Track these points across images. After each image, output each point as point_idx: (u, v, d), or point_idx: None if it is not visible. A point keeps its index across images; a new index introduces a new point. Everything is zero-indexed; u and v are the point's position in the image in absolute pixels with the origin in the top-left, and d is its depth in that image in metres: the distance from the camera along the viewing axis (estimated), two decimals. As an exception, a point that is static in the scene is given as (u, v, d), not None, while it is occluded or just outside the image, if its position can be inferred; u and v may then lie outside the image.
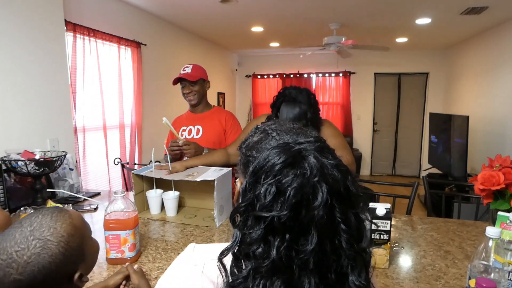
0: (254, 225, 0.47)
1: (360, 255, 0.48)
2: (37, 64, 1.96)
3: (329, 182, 0.46)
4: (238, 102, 6.95)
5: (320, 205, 0.45)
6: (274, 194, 0.46)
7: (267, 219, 0.45)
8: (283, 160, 0.47)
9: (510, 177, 1.16)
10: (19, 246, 0.56)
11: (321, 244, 0.46)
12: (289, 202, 0.45)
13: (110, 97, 3.11)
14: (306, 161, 0.47)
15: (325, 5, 3.32)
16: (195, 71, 1.89)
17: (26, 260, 0.55)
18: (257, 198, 0.47)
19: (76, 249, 0.62)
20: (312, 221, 0.45)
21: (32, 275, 0.55)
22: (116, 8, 3.15)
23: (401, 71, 6.17)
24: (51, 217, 0.61)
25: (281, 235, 0.45)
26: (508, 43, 3.80)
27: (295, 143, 0.50)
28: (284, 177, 0.46)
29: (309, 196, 0.45)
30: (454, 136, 4.01)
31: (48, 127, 2.06)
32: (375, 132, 6.47)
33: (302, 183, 0.45)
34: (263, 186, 0.47)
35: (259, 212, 0.46)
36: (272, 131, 0.57)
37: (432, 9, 3.44)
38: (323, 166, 0.47)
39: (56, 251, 0.58)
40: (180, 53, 4.38)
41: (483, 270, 0.82)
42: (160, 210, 1.60)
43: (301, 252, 0.45)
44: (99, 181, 2.99)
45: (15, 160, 1.56)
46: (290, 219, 0.45)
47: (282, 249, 0.45)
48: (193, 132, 1.93)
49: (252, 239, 0.47)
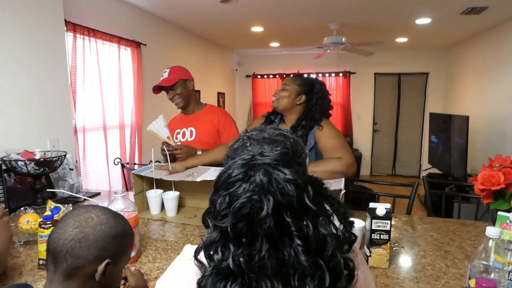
0: (213, 230, 0.52)
1: (319, 264, 0.49)
2: (37, 64, 1.96)
3: (276, 196, 0.49)
4: (238, 102, 6.95)
5: (266, 217, 0.48)
6: (226, 205, 0.50)
7: (220, 227, 0.50)
8: (236, 174, 0.52)
9: (510, 177, 1.16)
10: (99, 212, 0.72)
11: (277, 252, 0.48)
12: (237, 213, 0.49)
13: (110, 97, 3.11)
14: (255, 176, 0.51)
15: (325, 5, 3.32)
16: (172, 74, 1.86)
17: (102, 216, 0.71)
18: (214, 207, 0.52)
19: (123, 246, 0.73)
20: (260, 232, 0.48)
21: (100, 221, 0.69)
22: (116, 8, 3.15)
23: (401, 71, 6.17)
24: (122, 217, 0.77)
25: (237, 241, 0.49)
26: (508, 43, 3.80)
27: (258, 155, 0.53)
28: (235, 190, 0.50)
29: (256, 209, 0.49)
30: (454, 136, 4.01)
31: (48, 127, 2.06)
32: (375, 132, 6.47)
33: (249, 197, 0.49)
34: (219, 197, 0.52)
35: (214, 220, 0.52)
36: (248, 140, 0.61)
37: (432, 9, 3.44)
38: (273, 180, 0.50)
39: (119, 228, 0.72)
40: (180, 53, 4.38)
41: (483, 270, 0.82)
42: (160, 210, 1.60)
43: (257, 258, 0.48)
44: (99, 181, 2.99)
45: (15, 160, 1.56)
46: (243, 228, 0.49)
47: (237, 255, 0.49)
48: (186, 134, 1.92)
49: (210, 242, 0.52)
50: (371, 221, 1.05)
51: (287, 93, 1.57)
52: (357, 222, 1.18)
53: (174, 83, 1.84)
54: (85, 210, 0.71)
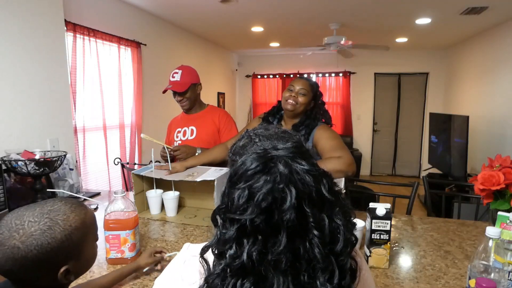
0: (229, 226, 0.50)
1: (331, 259, 0.49)
2: (37, 64, 1.96)
3: (298, 186, 0.49)
4: (238, 102, 6.95)
5: (289, 208, 0.47)
6: (246, 198, 0.49)
7: (239, 222, 0.49)
8: (255, 166, 0.51)
9: (510, 177, 1.16)
10: (33, 218, 0.61)
11: (293, 246, 0.48)
12: (259, 206, 0.48)
13: (110, 97, 3.11)
14: (276, 167, 0.50)
15: (325, 5, 3.32)
16: (184, 78, 1.84)
17: (32, 231, 0.60)
18: (231, 202, 0.51)
19: (75, 244, 0.64)
20: (282, 224, 0.47)
21: (29, 248, 0.59)
22: (116, 8, 3.15)
23: (401, 71, 6.17)
24: (70, 206, 0.66)
25: (253, 237, 0.48)
26: (508, 43, 3.80)
27: (272, 149, 0.53)
28: (255, 182, 0.49)
29: (279, 200, 0.48)
30: (454, 136, 4.01)
31: (48, 127, 2.06)
32: (375, 132, 6.47)
33: (272, 188, 0.48)
34: (237, 190, 0.50)
35: (233, 214, 0.50)
36: (256, 137, 0.60)
37: (432, 9, 3.44)
38: (293, 171, 0.50)
39: (58, 236, 0.61)
40: (180, 53, 4.38)
41: (483, 270, 0.82)
42: (160, 210, 1.60)
43: (272, 253, 0.47)
44: (99, 181, 2.99)
45: (15, 160, 1.56)
46: (262, 222, 0.48)
47: (252, 251, 0.48)
48: (187, 133, 1.93)
49: (225, 239, 0.50)
50: (371, 221, 1.05)
51: (306, 99, 1.57)
52: (357, 222, 1.18)
53: (185, 89, 1.83)
54: (8, 235, 0.60)
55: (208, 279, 0.52)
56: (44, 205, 0.65)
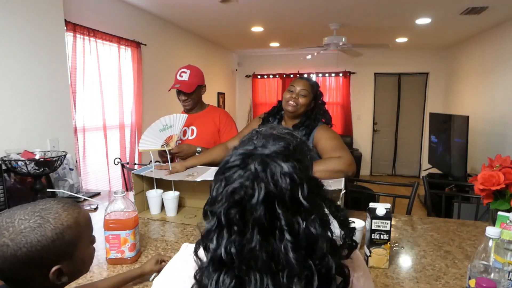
0: (210, 219, 0.52)
1: (309, 264, 0.49)
2: (37, 64, 1.96)
3: (269, 186, 0.49)
4: (238, 102, 6.95)
5: (257, 205, 0.48)
6: (222, 190, 0.51)
7: (216, 214, 0.51)
8: (234, 159, 0.53)
9: (510, 177, 1.16)
10: (24, 216, 0.61)
11: (268, 246, 0.49)
12: (231, 197, 0.50)
13: (110, 97, 3.11)
14: (252, 164, 0.51)
15: (325, 5, 3.32)
16: (192, 79, 1.84)
17: (21, 229, 0.59)
18: (211, 193, 0.54)
19: (67, 243, 0.63)
20: (250, 219, 0.49)
21: (18, 245, 0.58)
22: (116, 8, 3.15)
23: (401, 71, 6.17)
24: (62, 206, 0.65)
25: (229, 230, 0.50)
26: (508, 43, 3.80)
27: (261, 147, 0.54)
28: (231, 175, 0.52)
29: (248, 195, 0.49)
30: (454, 136, 4.01)
31: (48, 127, 2.06)
32: (375, 132, 6.47)
33: (242, 182, 0.50)
34: (217, 181, 0.53)
35: (212, 206, 0.52)
36: (255, 134, 0.62)
37: (432, 9, 3.44)
38: (268, 171, 0.50)
39: (48, 234, 0.60)
40: (180, 53, 4.38)
41: (483, 270, 0.82)
42: (160, 210, 1.60)
43: (247, 249, 0.48)
44: (99, 181, 2.99)
45: (15, 160, 1.56)
46: (236, 215, 0.49)
47: (229, 245, 0.49)
48: (187, 133, 1.93)
49: (207, 231, 0.52)
50: (371, 221, 1.05)
51: (307, 100, 1.56)
52: (357, 222, 1.18)
53: (192, 90, 1.83)
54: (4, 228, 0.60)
55: (195, 275, 0.53)
56: (37, 204, 0.64)
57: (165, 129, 1.71)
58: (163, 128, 1.72)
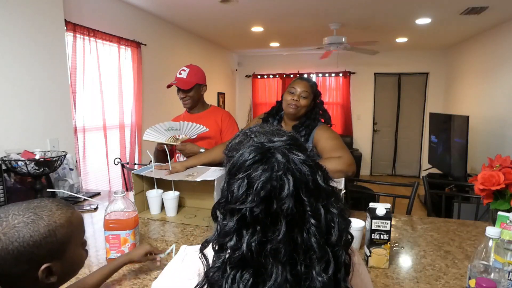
0: (229, 218, 0.51)
1: (326, 249, 0.50)
2: (37, 64, 1.97)
3: (295, 175, 0.50)
4: (238, 102, 6.95)
5: (287, 196, 0.48)
6: (246, 188, 0.50)
7: (240, 212, 0.49)
8: (253, 156, 0.52)
9: (510, 177, 1.16)
10: (18, 212, 0.62)
11: (291, 236, 0.49)
12: (259, 194, 0.49)
13: (110, 97, 3.11)
14: (273, 157, 0.51)
15: (325, 5, 3.32)
16: (190, 77, 1.87)
17: (15, 224, 0.60)
18: (231, 193, 0.52)
19: (59, 241, 0.63)
20: (281, 213, 0.48)
21: (10, 239, 0.59)
22: (116, 8, 3.15)
23: (401, 71, 6.17)
24: (57, 205, 0.66)
25: (252, 227, 0.49)
26: (508, 43, 3.80)
27: (268, 143, 0.54)
28: (253, 172, 0.51)
29: (277, 188, 0.49)
30: (454, 136, 4.01)
31: (48, 127, 2.06)
32: (375, 132, 6.47)
33: (270, 177, 0.49)
34: (237, 181, 0.51)
35: (233, 205, 0.50)
36: (251, 133, 0.62)
37: (432, 9, 3.44)
38: (290, 161, 0.51)
39: (41, 231, 0.61)
40: (180, 53, 4.38)
41: (483, 270, 0.82)
42: (160, 210, 1.60)
43: (271, 242, 0.48)
44: (99, 181, 2.99)
45: (15, 160, 1.56)
46: (262, 211, 0.48)
47: (252, 242, 0.48)
48: None
49: (226, 231, 0.51)
50: (371, 221, 1.05)
51: (308, 101, 1.56)
52: (357, 222, 1.18)
53: (190, 88, 1.85)
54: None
55: (208, 273, 0.52)
56: (32, 202, 0.65)
57: (170, 130, 1.76)
58: (169, 129, 1.78)
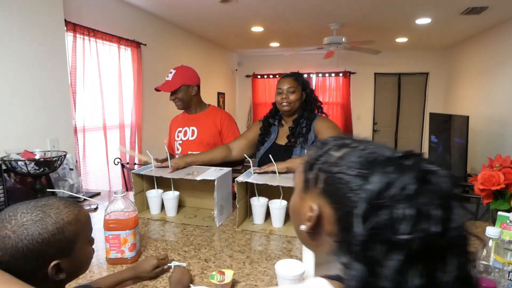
0: (387, 254, 0.41)
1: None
2: (37, 64, 1.96)
3: (454, 198, 0.43)
4: (238, 102, 6.95)
5: (457, 222, 0.42)
6: (414, 216, 0.41)
7: (405, 246, 0.40)
8: (411, 178, 0.43)
9: (510, 177, 1.16)
10: (26, 210, 0.62)
11: (458, 272, 0.41)
12: (437, 219, 0.41)
13: (110, 97, 3.11)
14: (433, 175, 0.44)
15: (325, 5, 3.32)
16: (176, 78, 1.84)
17: (23, 221, 0.61)
18: (389, 223, 0.41)
19: (67, 239, 0.64)
20: (450, 243, 0.41)
21: (20, 237, 0.59)
22: (116, 8, 3.15)
23: (401, 71, 6.17)
24: (64, 202, 0.67)
25: (422, 263, 0.40)
26: (508, 43, 3.80)
27: (399, 158, 0.46)
28: (421, 197, 0.42)
29: (447, 214, 0.42)
30: (454, 136, 4.01)
31: (48, 127, 2.06)
32: (375, 132, 6.47)
33: (441, 197, 0.42)
34: (397, 209, 0.41)
35: (397, 237, 0.40)
36: (352, 142, 0.52)
37: (432, 9, 3.44)
38: (446, 176, 0.44)
39: (49, 228, 0.62)
40: (180, 53, 4.38)
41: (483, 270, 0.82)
42: (160, 210, 1.60)
43: (442, 279, 0.40)
44: (99, 181, 2.99)
45: (15, 160, 1.56)
46: (432, 242, 0.41)
47: (418, 282, 0.40)
48: (188, 133, 1.92)
49: (386, 271, 0.40)
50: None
51: (297, 95, 1.63)
52: None
53: (175, 89, 1.83)
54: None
55: None
56: (39, 200, 0.66)
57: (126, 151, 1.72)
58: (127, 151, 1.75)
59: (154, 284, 0.98)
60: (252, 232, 1.38)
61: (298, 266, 0.92)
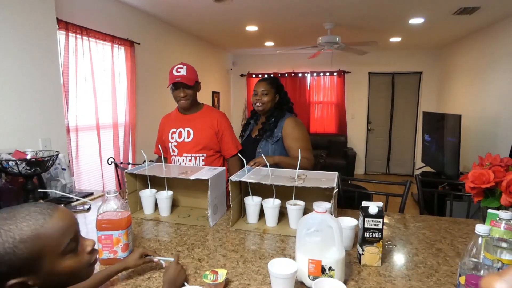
0: None
1: None
2: (29, 63, 1.94)
3: None
4: (233, 102, 6.94)
5: None
6: None
7: None
8: None
9: (500, 175, 1.17)
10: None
11: None
12: None
13: (103, 96, 3.08)
14: None
15: (319, 4, 3.33)
16: (191, 73, 1.77)
17: None
18: None
19: (22, 257, 0.57)
20: None
21: None
22: (109, 7, 3.12)
23: (394, 71, 6.22)
24: (26, 215, 0.59)
25: None
26: (500, 43, 3.85)
27: None
28: None
29: None
30: (447, 135, 4.05)
31: (40, 127, 2.03)
32: (369, 131, 6.51)
33: None
34: None
35: None
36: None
37: (425, 9, 3.47)
38: None
39: None
40: (174, 52, 4.36)
41: (473, 267, 0.83)
42: (154, 210, 1.60)
43: None
44: (93, 181, 2.97)
45: (6, 160, 1.54)
46: None
47: None
48: (183, 135, 1.85)
49: None
50: (363, 220, 1.06)
51: (270, 97, 1.92)
52: (350, 220, 1.19)
53: (193, 84, 1.78)
54: None
55: None
56: (5, 211, 0.59)
57: None
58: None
59: (147, 284, 0.98)
60: (246, 231, 1.38)
61: (291, 265, 0.93)
